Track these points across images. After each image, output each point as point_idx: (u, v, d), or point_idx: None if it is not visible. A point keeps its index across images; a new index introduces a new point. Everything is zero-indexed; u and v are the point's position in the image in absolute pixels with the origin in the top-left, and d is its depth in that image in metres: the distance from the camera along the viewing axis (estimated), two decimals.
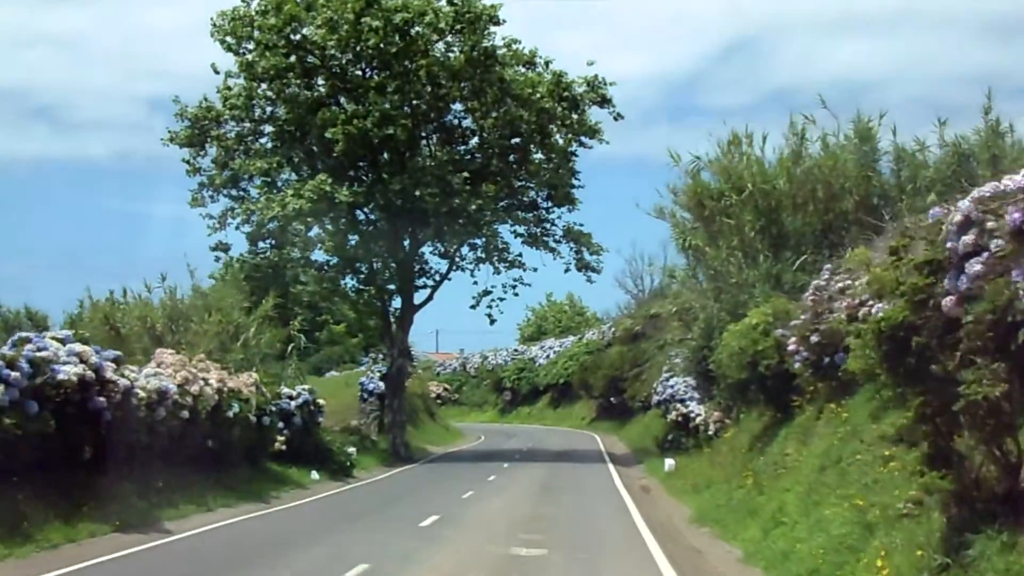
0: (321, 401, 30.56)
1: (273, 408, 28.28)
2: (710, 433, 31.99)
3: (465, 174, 38.02)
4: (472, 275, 42.94)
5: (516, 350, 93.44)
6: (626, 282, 69.98)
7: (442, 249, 42.71)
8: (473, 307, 43.07)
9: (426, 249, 43.05)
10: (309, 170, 38.79)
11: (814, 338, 16.27)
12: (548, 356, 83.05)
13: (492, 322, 43.68)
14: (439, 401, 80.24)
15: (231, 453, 23.99)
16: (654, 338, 43.65)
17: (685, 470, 28.90)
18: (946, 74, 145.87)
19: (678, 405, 36.93)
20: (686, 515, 20.47)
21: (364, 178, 40.64)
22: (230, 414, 23.23)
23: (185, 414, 21.18)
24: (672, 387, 38.02)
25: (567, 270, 42.63)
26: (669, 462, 31.08)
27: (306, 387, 30.60)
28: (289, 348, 32.41)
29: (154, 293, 31.37)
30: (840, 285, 15.51)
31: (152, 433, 19.80)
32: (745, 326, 20.23)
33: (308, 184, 36.83)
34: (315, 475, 28.91)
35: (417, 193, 37.12)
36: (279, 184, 39.57)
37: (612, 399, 59.61)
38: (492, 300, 42.84)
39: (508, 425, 76.74)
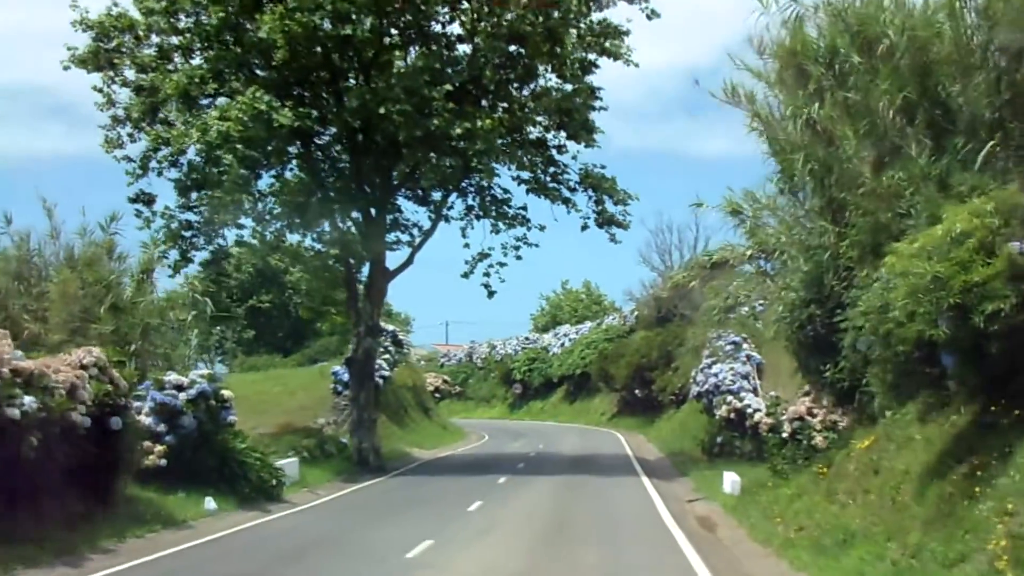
0: (227, 394, 20.89)
1: (148, 405, 19.16)
2: (783, 435, 24.37)
3: (447, 87, 28.03)
4: (464, 234, 33.39)
5: (527, 338, 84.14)
6: (651, 257, 62.74)
7: (421, 194, 32.72)
8: (466, 275, 33.61)
9: (402, 197, 33.39)
10: (244, 89, 29.04)
11: None
12: (563, 344, 73.63)
13: (491, 294, 33.71)
14: (438, 395, 71.13)
15: (30, 477, 14.31)
16: (701, 310, 34.01)
17: (763, 496, 19.29)
18: None
19: (729, 397, 30.24)
20: None
21: (322, 102, 30.98)
22: (15, 413, 13.61)
23: None
24: (716, 375, 31.65)
25: (585, 226, 33.21)
26: (732, 478, 22.66)
27: (203, 373, 20.94)
28: (188, 318, 22.88)
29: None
30: None
31: None
32: (935, 239, 10.39)
33: (238, 100, 27.28)
34: (211, 503, 19.34)
35: (382, 111, 27.36)
36: (205, 106, 29.97)
37: (637, 392, 52.99)
38: (490, 265, 33.40)
39: (518, 422, 68.80)
